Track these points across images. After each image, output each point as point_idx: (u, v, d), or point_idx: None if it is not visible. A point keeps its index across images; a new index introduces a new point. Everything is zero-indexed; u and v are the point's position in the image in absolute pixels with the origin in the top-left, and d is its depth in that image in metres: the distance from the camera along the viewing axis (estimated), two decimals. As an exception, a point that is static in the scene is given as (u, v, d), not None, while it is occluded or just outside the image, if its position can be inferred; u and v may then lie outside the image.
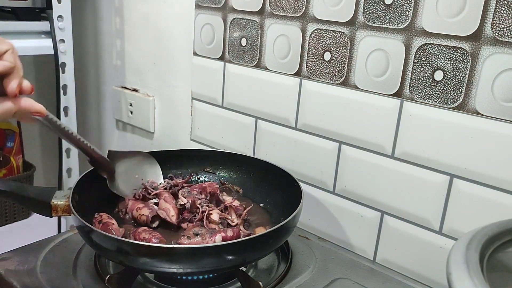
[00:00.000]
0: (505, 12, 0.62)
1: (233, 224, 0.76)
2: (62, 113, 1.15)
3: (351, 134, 0.80)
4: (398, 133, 0.75)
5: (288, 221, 0.66)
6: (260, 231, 0.75)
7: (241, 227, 0.77)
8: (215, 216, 0.75)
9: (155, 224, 0.76)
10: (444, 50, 0.68)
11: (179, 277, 0.71)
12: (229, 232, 0.69)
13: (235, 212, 0.79)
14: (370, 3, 0.74)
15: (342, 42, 0.79)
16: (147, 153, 0.87)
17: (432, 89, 0.70)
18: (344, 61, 0.79)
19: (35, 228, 1.28)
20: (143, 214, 0.76)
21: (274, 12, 0.87)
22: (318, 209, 0.88)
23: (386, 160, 0.77)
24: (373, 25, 0.74)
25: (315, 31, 0.82)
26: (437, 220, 0.72)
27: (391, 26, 0.72)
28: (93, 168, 0.81)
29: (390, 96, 0.75)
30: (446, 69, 0.68)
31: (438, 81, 0.69)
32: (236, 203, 0.80)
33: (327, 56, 0.81)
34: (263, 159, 0.89)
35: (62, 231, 1.21)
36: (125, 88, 1.27)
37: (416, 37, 0.70)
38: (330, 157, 0.84)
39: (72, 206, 0.68)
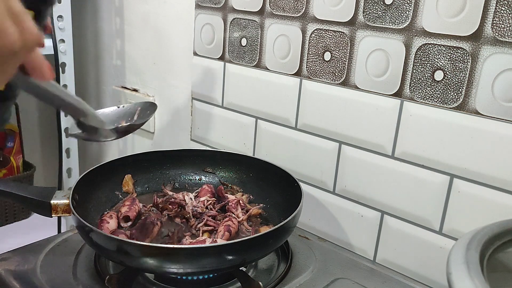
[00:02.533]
0: (505, 12, 0.62)
1: (238, 219, 0.77)
2: (62, 113, 1.15)
3: (351, 134, 0.80)
4: (398, 133, 0.75)
5: (288, 221, 0.66)
6: (264, 230, 0.75)
7: (245, 223, 0.78)
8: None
9: (126, 224, 0.77)
10: (444, 50, 0.68)
11: (179, 277, 0.71)
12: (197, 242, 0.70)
13: (241, 208, 0.80)
14: (370, 3, 0.74)
15: (342, 42, 0.79)
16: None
17: (432, 89, 0.70)
18: (344, 61, 0.79)
19: (35, 228, 1.28)
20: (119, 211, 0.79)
21: (274, 12, 0.87)
22: (318, 209, 0.88)
23: (386, 160, 0.77)
24: (373, 25, 0.74)
25: (315, 31, 0.82)
26: (437, 220, 0.72)
27: (391, 26, 0.72)
28: (93, 168, 0.81)
29: (390, 96, 0.75)
30: (446, 69, 0.68)
31: (438, 81, 0.69)
32: (244, 199, 0.82)
33: (327, 56, 0.81)
34: (263, 159, 0.89)
35: (62, 231, 1.21)
36: (125, 88, 1.27)
37: (416, 37, 0.70)
38: (330, 157, 0.84)
39: (72, 206, 0.68)
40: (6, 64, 0.31)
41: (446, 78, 0.68)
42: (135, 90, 1.24)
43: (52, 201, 0.72)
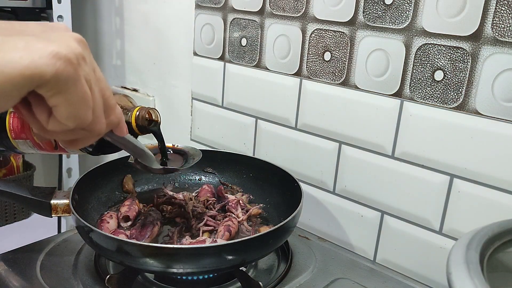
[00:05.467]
0: (505, 12, 0.62)
1: (238, 219, 0.77)
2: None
3: (351, 134, 0.80)
4: (398, 133, 0.75)
5: (288, 221, 0.66)
6: (264, 230, 0.75)
7: (245, 223, 0.78)
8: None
9: (126, 224, 0.77)
10: (444, 50, 0.68)
11: (179, 277, 0.71)
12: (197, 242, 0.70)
13: (241, 208, 0.80)
14: (370, 3, 0.74)
15: (342, 42, 0.79)
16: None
17: (432, 89, 0.70)
18: (344, 61, 0.79)
19: (35, 228, 1.28)
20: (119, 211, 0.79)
21: (274, 12, 0.87)
22: (318, 209, 0.88)
23: (386, 160, 0.77)
24: (373, 25, 0.74)
25: (315, 31, 0.82)
26: (437, 220, 0.72)
27: (391, 26, 0.72)
28: (93, 168, 0.81)
29: (390, 96, 0.75)
30: (446, 69, 0.68)
31: (438, 81, 0.69)
32: (244, 199, 0.82)
33: (327, 56, 0.81)
34: (263, 159, 0.89)
35: (62, 231, 1.21)
36: (125, 88, 1.27)
37: (416, 37, 0.70)
38: (330, 157, 0.84)
39: (72, 206, 0.68)
40: (93, 139, 0.41)
41: (446, 78, 0.68)
42: (135, 90, 1.24)
43: (52, 201, 0.72)
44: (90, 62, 0.37)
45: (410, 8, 0.70)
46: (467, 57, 0.66)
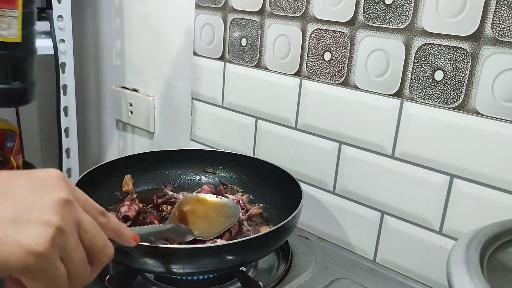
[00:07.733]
0: (505, 12, 0.62)
1: (239, 219, 0.77)
2: (62, 113, 1.15)
3: (351, 134, 0.80)
4: (398, 133, 0.75)
5: (288, 221, 0.66)
6: (264, 230, 0.75)
7: (245, 223, 0.78)
8: None
9: (126, 224, 0.76)
10: (444, 50, 0.68)
11: (179, 277, 0.71)
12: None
13: (241, 208, 0.80)
14: (370, 3, 0.74)
15: (342, 42, 0.79)
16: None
17: (432, 89, 0.70)
18: (344, 61, 0.79)
19: (35, 228, 1.28)
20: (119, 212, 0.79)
21: (274, 12, 0.87)
22: (318, 209, 0.88)
23: (386, 160, 0.77)
24: (373, 25, 0.74)
25: (315, 31, 0.82)
26: (437, 220, 0.72)
27: (391, 26, 0.72)
28: (93, 168, 0.81)
29: (390, 96, 0.75)
30: (446, 69, 0.68)
31: (438, 81, 0.69)
32: (244, 199, 0.82)
33: (327, 56, 0.81)
34: (263, 159, 0.89)
35: (62, 231, 1.21)
36: (125, 88, 1.27)
37: (416, 37, 0.70)
38: (330, 157, 0.84)
39: (72, 206, 0.68)
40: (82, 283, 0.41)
41: (446, 78, 0.68)
42: (135, 90, 1.24)
43: (52, 201, 0.72)
44: (75, 215, 0.39)
45: (410, 8, 0.70)
46: (467, 57, 0.66)
